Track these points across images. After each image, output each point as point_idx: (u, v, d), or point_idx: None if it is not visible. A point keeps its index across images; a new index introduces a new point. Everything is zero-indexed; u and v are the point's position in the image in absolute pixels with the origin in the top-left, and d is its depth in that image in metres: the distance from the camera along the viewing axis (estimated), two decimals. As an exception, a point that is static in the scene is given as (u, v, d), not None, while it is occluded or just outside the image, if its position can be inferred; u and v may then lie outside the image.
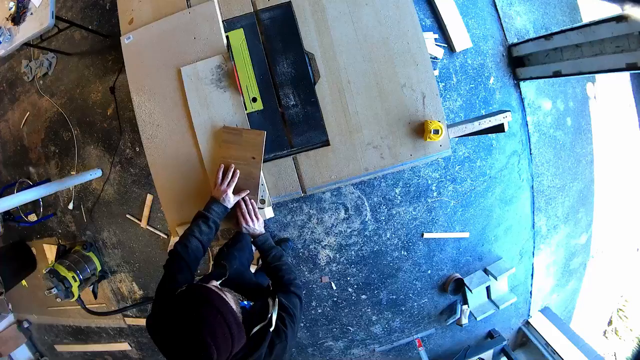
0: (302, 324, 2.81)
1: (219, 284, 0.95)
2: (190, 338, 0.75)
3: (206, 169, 1.37)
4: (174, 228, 1.39)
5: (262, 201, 1.34)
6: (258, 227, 1.28)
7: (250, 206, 1.29)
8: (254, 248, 1.89)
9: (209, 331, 0.76)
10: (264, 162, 1.39)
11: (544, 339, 2.84)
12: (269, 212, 1.37)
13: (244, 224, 1.26)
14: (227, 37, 1.38)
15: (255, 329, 0.91)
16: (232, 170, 1.29)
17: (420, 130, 1.35)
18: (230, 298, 0.88)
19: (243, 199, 1.29)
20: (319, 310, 2.77)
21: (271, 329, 0.93)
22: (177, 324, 0.77)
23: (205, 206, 1.23)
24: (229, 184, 1.26)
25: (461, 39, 2.40)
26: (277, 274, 1.17)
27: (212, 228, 1.20)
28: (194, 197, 1.37)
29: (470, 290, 2.61)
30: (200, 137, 1.36)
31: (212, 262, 2.37)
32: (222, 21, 1.39)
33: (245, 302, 1.10)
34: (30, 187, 2.64)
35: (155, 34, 1.40)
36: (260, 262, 1.71)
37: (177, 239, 1.21)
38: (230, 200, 1.26)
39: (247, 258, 1.55)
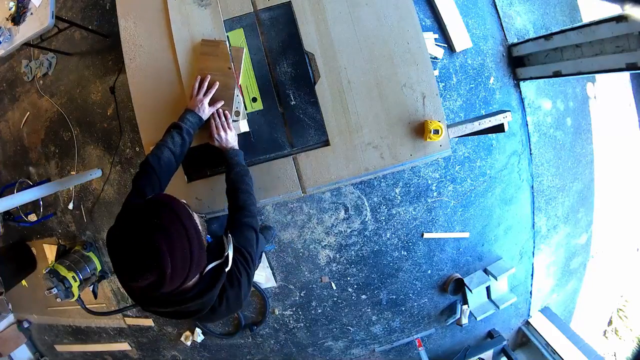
0: (301, 324, 2.81)
1: None
2: (143, 243, 0.67)
3: (184, 85, 1.37)
4: (149, 148, 1.36)
5: (237, 113, 1.30)
6: (230, 139, 1.24)
7: (224, 117, 1.25)
8: None
9: (166, 239, 0.68)
10: (263, 162, 1.39)
11: (544, 339, 2.84)
12: (243, 126, 1.34)
13: (215, 134, 1.22)
14: (227, 37, 1.38)
15: (210, 266, 0.83)
16: (208, 80, 1.26)
17: (420, 130, 1.35)
18: (197, 217, 0.81)
19: (217, 110, 1.26)
20: (319, 310, 2.77)
21: (227, 269, 0.85)
22: (133, 229, 0.69)
23: (179, 117, 1.19)
24: (205, 94, 1.24)
25: (461, 39, 2.40)
26: (234, 193, 1.10)
27: (185, 139, 1.14)
28: (171, 115, 1.34)
29: (470, 290, 2.61)
30: (180, 55, 1.37)
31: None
32: (223, 20, 1.39)
33: (208, 236, 1.03)
34: (30, 187, 2.64)
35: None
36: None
37: None
38: (206, 110, 1.22)
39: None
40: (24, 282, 3.08)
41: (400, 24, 1.35)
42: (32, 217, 2.91)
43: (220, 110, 1.28)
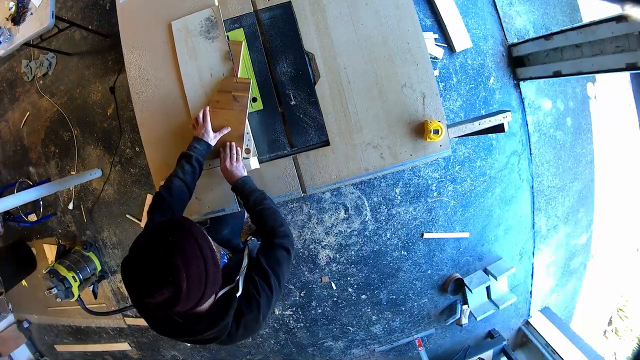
0: (301, 324, 2.81)
1: None
2: (160, 261, 0.68)
3: (192, 118, 1.37)
4: (158, 180, 1.38)
5: (247, 150, 1.31)
6: (241, 169, 1.23)
7: (234, 149, 1.25)
8: (246, 217, 1.82)
9: (182, 256, 0.69)
10: (263, 162, 1.39)
11: (544, 339, 2.84)
12: (254, 163, 1.34)
13: (226, 164, 1.21)
14: (227, 36, 1.39)
15: (220, 292, 0.83)
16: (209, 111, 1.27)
17: (420, 130, 1.35)
18: (210, 238, 0.81)
19: (228, 143, 1.26)
20: (319, 310, 2.77)
21: (238, 294, 0.84)
22: (149, 247, 0.70)
23: (187, 146, 1.19)
24: (205, 121, 1.24)
25: (461, 39, 2.40)
26: (260, 221, 1.08)
27: (195, 167, 1.15)
28: (181, 147, 1.33)
29: (470, 290, 2.61)
30: (187, 88, 1.38)
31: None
32: (223, 20, 1.39)
33: (223, 254, 1.03)
34: (30, 187, 2.64)
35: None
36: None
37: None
38: (211, 135, 1.23)
39: (238, 226, 1.49)
40: (24, 282, 3.08)
41: (400, 24, 1.35)
42: (32, 217, 2.91)
43: (229, 143, 1.27)
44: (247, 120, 1.32)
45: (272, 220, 1.06)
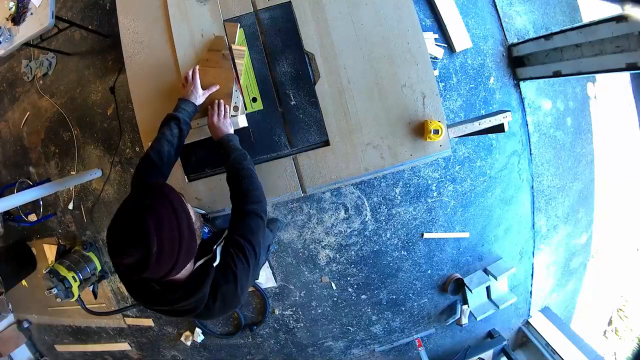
0: (301, 324, 2.81)
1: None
2: (131, 220, 0.68)
3: (182, 77, 1.38)
4: (148, 143, 1.38)
5: (236, 108, 1.31)
6: (228, 125, 1.22)
7: (222, 106, 1.24)
8: None
9: (155, 221, 0.68)
10: (263, 162, 1.39)
11: (544, 339, 2.84)
12: (242, 121, 1.34)
13: (213, 119, 1.21)
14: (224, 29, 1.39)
15: (199, 262, 0.83)
16: (199, 71, 1.27)
17: (420, 130, 1.35)
18: (191, 209, 0.80)
19: (217, 100, 1.26)
20: (319, 310, 2.77)
21: (215, 264, 0.83)
22: (125, 209, 0.71)
23: (174, 107, 1.19)
24: (194, 79, 1.24)
25: (461, 39, 2.40)
26: (235, 180, 1.05)
27: (182, 129, 1.14)
28: (171, 107, 1.33)
29: (470, 290, 2.61)
30: (179, 50, 1.39)
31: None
32: (223, 20, 1.39)
33: (207, 230, 1.02)
34: (30, 187, 2.64)
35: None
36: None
37: None
38: (199, 92, 1.23)
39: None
40: (24, 282, 3.08)
41: (400, 24, 1.35)
42: (32, 217, 2.91)
43: (218, 100, 1.28)
44: (236, 78, 1.33)
45: (246, 183, 1.02)
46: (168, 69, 1.42)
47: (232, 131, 1.23)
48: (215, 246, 0.86)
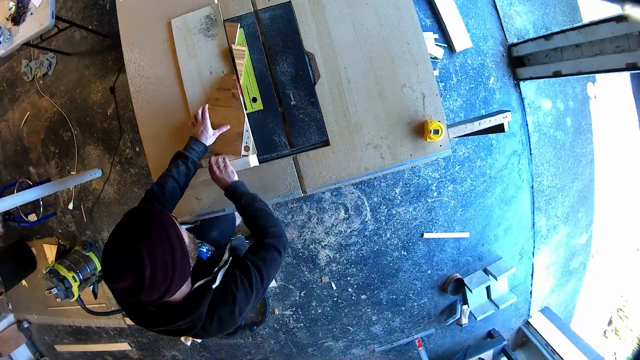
0: (301, 324, 2.81)
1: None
2: (124, 246, 0.70)
3: (191, 116, 1.37)
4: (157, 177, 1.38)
5: (247, 148, 1.30)
6: (230, 174, 1.22)
7: (220, 159, 1.24)
8: (237, 219, 1.81)
9: (147, 246, 0.69)
10: (263, 162, 1.39)
11: (544, 339, 2.84)
12: (253, 161, 1.33)
13: (214, 174, 1.20)
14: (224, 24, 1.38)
15: (198, 284, 0.84)
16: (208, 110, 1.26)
17: (420, 130, 1.35)
18: (184, 231, 0.81)
19: (213, 157, 1.25)
20: (319, 310, 2.76)
21: (214, 286, 0.84)
22: (118, 234, 0.73)
23: (185, 146, 1.19)
24: (204, 119, 1.24)
25: (461, 39, 2.40)
26: (251, 223, 1.07)
27: (190, 168, 1.15)
28: (179, 145, 1.32)
29: (470, 290, 2.61)
30: (187, 86, 1.38)
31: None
32: (223, 20, 1.39)
33: (205, 250, 1.03)
34: (30, 187, 2.64)
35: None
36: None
37: None
38: (210, 132, 1.22)
39: (229, 229, 1.48)
40: (24, 282, 3.08)
41: (400, 24, 1.35)
42: (32, 217, 2.91)
43: (214, 156, 1.26)
44: (246, 117, 1.32)
45: (263, 221, 1.05)
46: (176, 105, 1.39)
47: (236, 178, 1.23)
48: (217, 269, 0.87)
